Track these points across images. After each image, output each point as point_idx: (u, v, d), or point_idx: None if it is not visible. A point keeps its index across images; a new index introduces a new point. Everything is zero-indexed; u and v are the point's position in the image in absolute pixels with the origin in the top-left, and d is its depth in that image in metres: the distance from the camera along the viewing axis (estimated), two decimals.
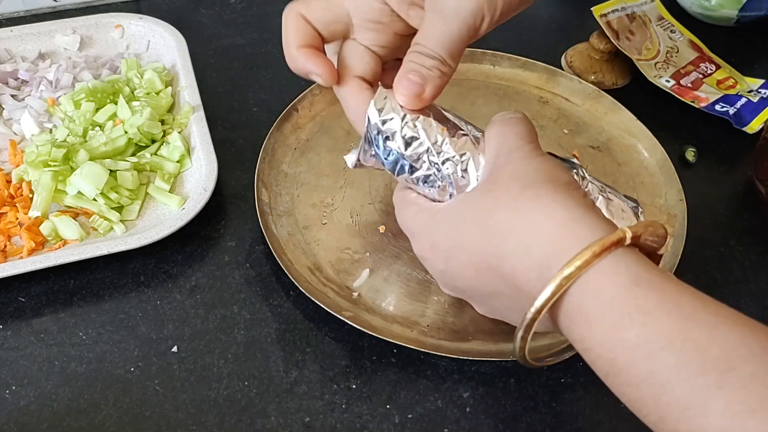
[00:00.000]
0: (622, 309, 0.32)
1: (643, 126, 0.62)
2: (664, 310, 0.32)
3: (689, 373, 0.30)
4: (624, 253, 0.34)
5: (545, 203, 0.35)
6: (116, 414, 0.45)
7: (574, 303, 0.34)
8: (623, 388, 0.33)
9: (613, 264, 0.33)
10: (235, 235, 0.55)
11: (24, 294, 0.51)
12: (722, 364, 0.30)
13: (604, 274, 0.33)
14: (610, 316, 0.33)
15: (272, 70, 0.69)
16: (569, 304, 0.34)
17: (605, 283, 0.33)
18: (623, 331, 0.32)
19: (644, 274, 0.33)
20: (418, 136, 0.42)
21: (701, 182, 0.61)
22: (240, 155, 0.61)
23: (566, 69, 0.70)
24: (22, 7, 0.73)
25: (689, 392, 0.30)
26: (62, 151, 0.54)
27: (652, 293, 0.32)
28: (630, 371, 0.32)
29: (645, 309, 0.32)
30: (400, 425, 0.45)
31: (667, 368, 0.31)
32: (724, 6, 0.74)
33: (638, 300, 0.32)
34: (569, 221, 0.35)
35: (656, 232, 0.35)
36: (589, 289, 0.33)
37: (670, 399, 0.31)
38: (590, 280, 0.33)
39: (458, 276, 0.40)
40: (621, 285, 0.33)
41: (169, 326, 0.50)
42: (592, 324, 0.33)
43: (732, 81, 0.69)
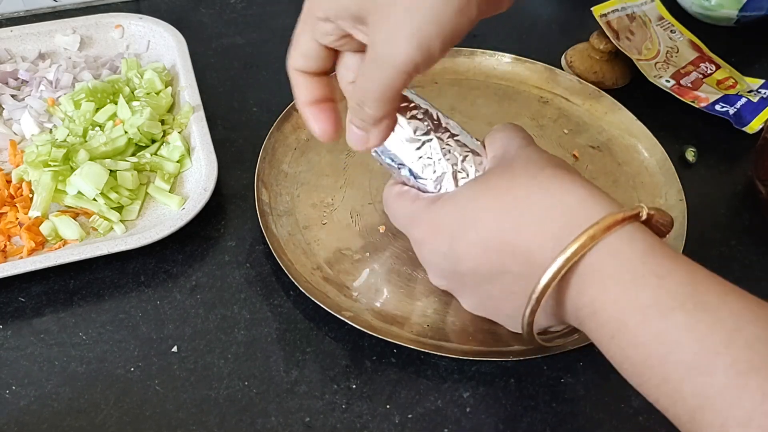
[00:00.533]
0: (637, 271, 0.34)
1: (643, 126, 0.62)
2: (677, 275, 0.33)
3: (699, 333, 0.31)
4: (639, 227, 0.36)
5: (564, 180, 0.38)
6: (117, 414, 0.45)
7: (590, 264, 0.35)
8: (628, 350, 0.34)
9: (630, 233, 0.35)
10: (235, 235, 0.55)
11: (24, 294, 0.51)
12: (730, 324, 0.31)
13: (622, 240, 0.35)
14: (625, 277, 0.34)
15: (272, 70, 0.69)
16: (586, 266, 0.35)
17: (623, 247, 0.35)
18: (637, 291, 0.33)
19: (659, 246, 0.35)
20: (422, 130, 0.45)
21: (701, 182, 0.61)
22: (240, 155, 0.61)
23: (566, 69, 0.70)
24: (22, 7, 0.73)
25: (698, 350, 0.31)
26: (62, 151, 0.54)
27: (666, 260, 0.34)
28: (639, 331, 0.33)
29: (659, 273, 0.34)
30: (400, 425, 0.45)
31: (677, 327, 0.32)
32: (724, 6, 0.74)
33: (653, 265, 0.34)
34: (588, 197, 0.37)
35: (665, 218, 0.38)
36: (608, 251, 0.35)
37: (677, 358, 0.32)
38: (608, 243, 0.35)
39: (462, 256, 0.41)
40: (638, 250, 0.35)
41: (170, 326, 0.50)
42: (606, 284, 0.35)
43: (732, 81, 0.69)
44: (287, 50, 0.42)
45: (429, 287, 0.52)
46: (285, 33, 0.72)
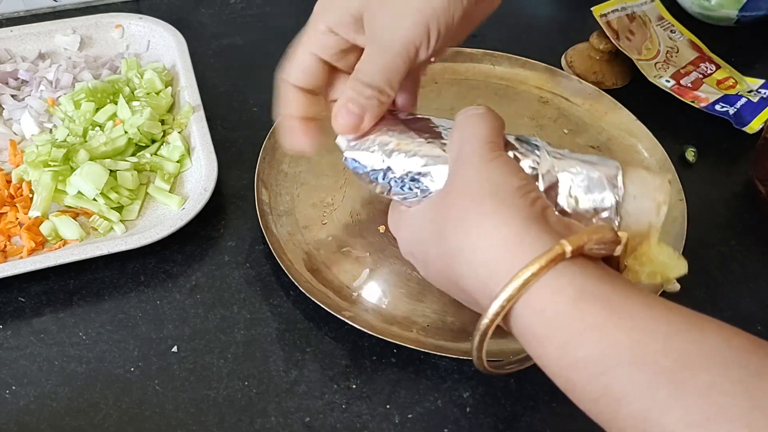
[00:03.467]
0: (570, 327, 0.32)
1: (643, 126, 0.62)
2: (612, 323, 0.31)
3: (644, 387, 0.30)
4: (568, 266, 0.33)
5: (489, 221, 0.35)
6: (116, 414, 0.45)
7: (522, 323, 0.33)
8: (582, 403, 0.33)
9: (556, 279, 0.32)
10: (235, 235, 0.55)
11: (24, 294, 0.51)
12: (678, 374, 0.29)
13: (546, 291, 0.32)
14: (559, 336, 0.32)
15: (272, 70, 0.68)
16: (519, 324, 0.34)
17: (547, 301, 0.32)
18: (574, 351, 0.31)
19: (589, 287, 0.32)
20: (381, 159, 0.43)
21: (701, 182, 0.61)
22: (240, 155, 0.61)
23: (566, 69, 0.70)
24: (22, 7, 0.73)
25: (646, 406, 0.29)
26: (62, 151, 0.54)
27: (599, 307, 0.31)
28: (585, 388, 0.32)
29: (593, 324, 0.31)
30: (400, 425, 0.45)
31: (621, 384, 0.30)
32: (724, 6, 0.74)
33: (585, 316, 0.31)
34: (511, 238, 0.34)
35: (603, 239, 0.34)
36: (532, 308, 0.33)
37: (627, 413, 0.30)
38: (533, 298, 0.33)
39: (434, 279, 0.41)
40: (565, 302, 0.32)
41: (169, 326, 0.50)
42: (544, 344, 0.33)
43: (732, 81, 0.69)
44: (287, 50, 0.42)
45: (429, 287, 0.52)
46: (285, 33, 0.72)
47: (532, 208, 0.35)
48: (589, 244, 0.33)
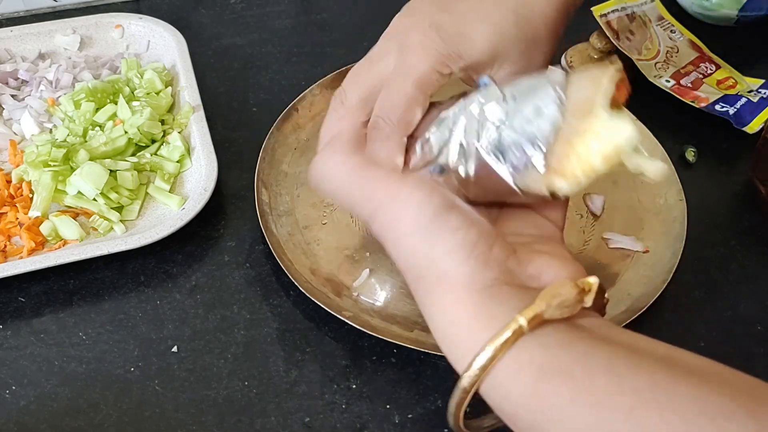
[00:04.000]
0: (535, 410, 0.31)
1: (643, 126, 0.62)
2: (576, 403, 0.30)
3: None
4: (528, 340, 0.31)
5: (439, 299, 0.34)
6: (116, 414, 0.45)
7: (491, 401, 0.32)
8: None
9: (515, 358, 0.31)
10: (235, 235, 0.55)
11: (24, 294, 0.51)
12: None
13: (507, 372, 0.31)
14: (526, 418, 0.31)
15: (272, 70, 0.69)
16: (489, 400, 0.33)
17: (510, 383, 0.31)
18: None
19: (549, 363, 0.31)
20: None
21: (701, 182, 0.61)
22: (240, 155, 0.61)
23: (566, 69, 0.70)
24: (22, 7, 0.73)
25: None
26: (62, 151, 0.54)
27: (560, 385, 0.30)
28: None
29: (557, 405, 0.30)
30: (400, 425, 0.45)
31: None
32: (724, 6, 0.74)
33: (548, 396, 0.30)
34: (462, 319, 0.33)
35: (564, 301, 0.31)
36: (497, 390, 0.32)
37: None
38: (496, 380, 0.31)
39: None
40: (526, 383, 0.31)
41: (169, 326, 0.50)
42: (514, 421, 0.32)
43: (732, 81, 0.69)
44: (287, 50, 0.42)
45: None
46: (285, 33, 0.73)
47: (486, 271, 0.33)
48: (549, 311, 0.31)
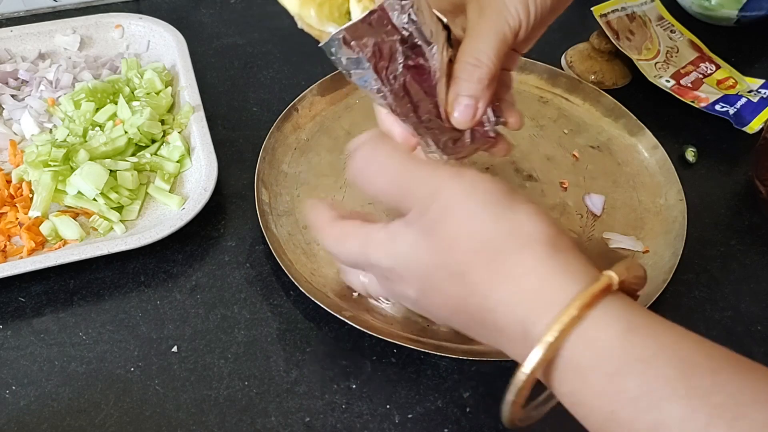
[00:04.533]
0: (619, 358, 0.31)
1: (643, 126, 0.62)
2: (662, 357, 0.30)
3: (697, 424, 0.29)
4: (613, 301, 0.32)
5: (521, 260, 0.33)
6: (117, 414, 0.45)
7: (565, 357, 0.32)
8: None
9: (604, 312, 0.31)
10: (235, 235, 0.55)
11: (24, 294, 0.51)
12: (729, 412, 0.28)
13: (596, 323, 0.31)
14: (606, 367, 0.31)
15: (272, 70, 0.69)
16: (561, 359, 0.32)
17: (599, 333, 0.31)
18: (622, 382, 0.30)
19: (636, 320, 0.31)
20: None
21: (701, 182, 0.61)
22: (240, 155, 0.61)
23: (566, 69, 0.70)
24: (22, 7, 0.73)
25: None
26: (62, 151, 0.54)
27: (648, 340, 0.31)
28: (632, 423, 0.30)
29: (643, 357, 0.30)
30: (400, 425, 0.45)
31: (672, 419, 0.29)
32: (724, 6, 0.74)
33: (635, 348, 0.30)
34: (550, 275, 0.33)
35: (637, 274, 0.33)
36: (581, 341, 0.31)
37: None
38: (582, 332, 0.31)
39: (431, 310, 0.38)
40: (615, 334, 0.31)
41: (170, 326, 0.50)
42: (587, 376, 0.31)
43: (732, 81, 0.69)
44: (287, 50, 0.42)
45: None
46: (285, 33, 0.73)
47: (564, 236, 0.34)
48: (629, 279, 0.33)
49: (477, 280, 0.34)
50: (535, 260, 0.33)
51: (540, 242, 0.33)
